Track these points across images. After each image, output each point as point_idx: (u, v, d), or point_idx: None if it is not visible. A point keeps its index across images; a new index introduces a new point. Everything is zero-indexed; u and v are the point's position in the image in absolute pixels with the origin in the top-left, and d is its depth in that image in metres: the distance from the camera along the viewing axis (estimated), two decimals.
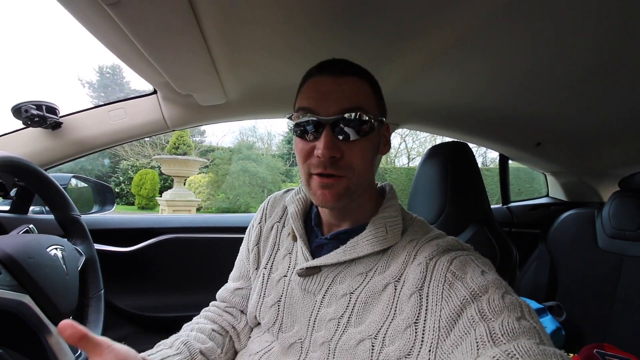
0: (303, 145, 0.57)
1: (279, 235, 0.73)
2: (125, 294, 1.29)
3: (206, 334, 0.69)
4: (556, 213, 1.84)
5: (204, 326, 0.71)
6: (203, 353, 0.65)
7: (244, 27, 0.75)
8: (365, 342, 0.52)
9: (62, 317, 0.75)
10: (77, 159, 1.19)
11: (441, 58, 0.88)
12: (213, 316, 0.74)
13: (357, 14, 0.70)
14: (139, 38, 0.68)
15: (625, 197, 1.52)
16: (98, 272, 0.97)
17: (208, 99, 1.10)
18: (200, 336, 0.68)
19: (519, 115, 1.32)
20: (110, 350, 0.43)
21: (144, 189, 9.53)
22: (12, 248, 0.69)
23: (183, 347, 0.63)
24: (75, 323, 0.40)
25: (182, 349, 0.62)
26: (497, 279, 0.48)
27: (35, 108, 1.00)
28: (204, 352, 0.65)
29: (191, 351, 0.63)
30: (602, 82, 0.98)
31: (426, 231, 0.61)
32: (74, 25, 0.68)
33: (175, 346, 0.63)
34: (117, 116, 1.13)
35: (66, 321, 0.40)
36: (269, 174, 10.47)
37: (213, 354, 0.66)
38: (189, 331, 0.69)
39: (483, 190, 1.07)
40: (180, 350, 0.62)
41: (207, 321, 0.73)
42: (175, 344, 0.63)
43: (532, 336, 0.39)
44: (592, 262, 1.58)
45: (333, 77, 0.56)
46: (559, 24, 0.70)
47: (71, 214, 0.94)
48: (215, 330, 0.71)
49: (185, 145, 9.20)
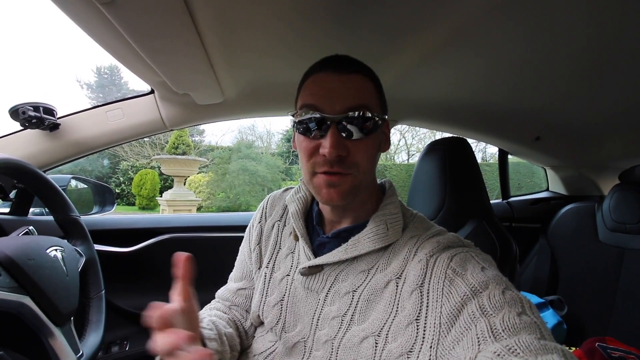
0: (307, 143, 0.56)
1: (280, 234, 0.73)
2: (126, 294, 1.29)
3: (225, 321, 0.70)
4: (556, 207, 1.83)
5: (220, 314, 0.71)
6: (226, 336, 0.65)
7: (239, 26, 0.74)
8: (369, 340, 0.52)
9: (62, 318, 0.75)
10: (76, 160, 1.18)
11: (438, 53, 0.87)
12: (224, 308, 0.75)
13: (352, 10, 0.70)
14: (134, 38, 0.68)
15: (625, 190, 1.52)
16: (99, 273, 0.97)
17: (205, 98, 1.09)
18: (221, 322, 0.68)
19: (517, 109, 1.32)
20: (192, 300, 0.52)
21: (145, 189, 9.54)
22: (12, 250, 0.69)
23: (212, 326, 0.63)
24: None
25: (212, 326, 0.62)
26: (497, 275, 0.49)
27: (32, 110, 1.00)
28: (227, 336, 0.65)
29: (219, 331, 0.63)
30: (600, 74, 0.97)
31: (427, 227, 0.61)
32: (72, 26, 0.68)
33: (205, 322, 0.62)
34: (115, 116, 1.13)
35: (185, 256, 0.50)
36: (268, 172, 10.47)
37: (233, 341, 0.67)
38: (209, 316, 0.68)
39: (482, 185, 1.06)
40: (211, 327, 0.62)
41: (219, 312, 0.73)
42: (204, 320, 0.63)
43: (533, 331, 0.39)
44: (593, 256, 1.58)
45: (337, 74, 0.55)
46: (555, 17, 0.70)
47: (71, 215, 0.94)
48: (231, 320, 0.72)
49: (185, 145, 9.20)
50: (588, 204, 1.69)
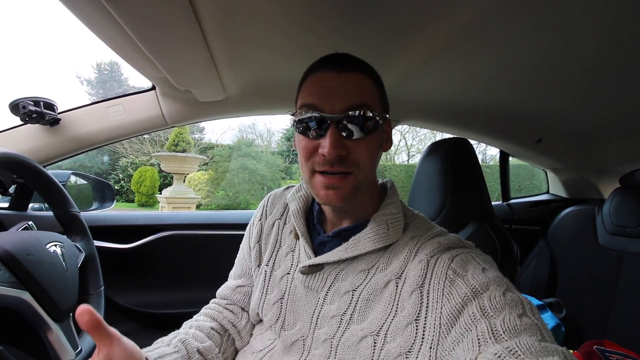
0: (306, 143, 0.56)
1: (280, 232, 0.73)
2: (125, 291, 1.29)
3: (205, 333, 0.69)
4: (556, 210, 1.83)
5: (203, 324, 0.71)
6: (200, 352, 0.64)
7: (242, 22, 0.74)
8: (368, 339, 0.52)
9: (61, 313, 0.75)
10: (76, 156, 1.18)
11: (443, 52, 0.87)
12: (213, 314, 0.74)
13: (358, 6, 0.70)
14: (137, 33, 0.68)
15: (626, 193, 1.52)
16: (98, 269, 0.97)
17: (207, 94, 1.09)
18: (199, 334, 0.67)
19: (520, 111, 1.32)
20: (119, 343, 0.45)
21: (144, 186, 9.52)
22: (11, 245, 0.69)
23: (181, 345, 0.62)
24: (93, 310, 0.42)
25: (180, 347, 0.62)
26: (498, 276, 0.48)
27: (33, 104, 1.00)
28: (202, 351, 0.64)
29: (188, 350, 0.63)
30: (604, 79, 0.97)
31: (427, 228, 0.60)
32: (72, 21, 0.68)
33: (172, 344, 0.62)
34: (116, 112, 1.13)
35: (85, 306, 0.42)
36: (268, 171, 10.47)
37: (210, 353, 0.66)
38: (188, 329, 0.69)
39: (484, 186, 1.06)
40: (178, 348, 0.62)
41: (206, 319, 0.73)
42: (172, 342, 0.63)
43: (534, 333, 0.39)
44: (592, 259, 1.58)
45: (337, 73, 0.55)
46: (564, 20, 0.70)
47: (70, 211, 0.94)
48: (214, 329, 0.71)
49: (185, 143, 9.20)
50: (588, 207, 1.69)
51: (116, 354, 0.44)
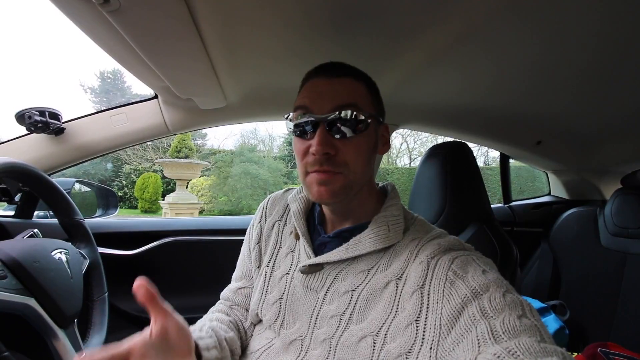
0: (300, 144, 0.59)
1: (280, 233, 0.73)
2: (129, 297, 1.28)
3: (226, 324, 0.70)
4: (558, 211, 1.83)
5: (222, 317, 0.72)
6: (227, 341, 0.65)
7: (242, 31, 0.75)
8: (367, 339, 0.52)
9: (66, 320, 0.76)
10: (80, 164, 1.20)
11: (441, 57, 0.87)
12: (226, 309, 0.76)
13: (355, 15, 0.71)
14: (139, 44, 0.69)
15: (627, 194, 1.52)
16: (102, 275, 0.98)
17: (208, 102, 1.11)
18: (222, 326, 0.69)
19: (521, 114, 1.32)
20: (172, 317, 0.48)
21: (147, 193, 9.56)
22: (17, 252, 0.70)
23: (212, 332, 0.64)
24: (149, 283, 0.45)
25: (211, 333, 0.63)
26: (498, 278, 0.49)
27: (38, 114, 1.01)
28: (228, 341, 0.66)
29: (218, 337, 0.64)
30: (604, 79, 0.97)
31: (428, 230, 0.61)
32: (75, 31, 0.70)
33: (204, 330, 0.63)
34: (119, 121, 1.14)
35: (141, 280, 0.46)
36: (270, 176, 10.49)
37: (234, 345, 0.67)
38: (209, 322, 0.69)
39: (483, 189, 1.07)
40: (210, 334, 0.63)
41: (222, 314, 0.74)
42: (204, 329, 0.64)
43: (534, 334, 0.40)
44: (595, 261, 1.57)
45: (328, 79, 0.58)
46: (561, 23, 0.70)
47: (75, 218, 0.95)
48: (232, 322, 0.73)
49: (187, 149, 9.24)
50: (590, 209, 1.68)
51: (170, 324, 0.47)
